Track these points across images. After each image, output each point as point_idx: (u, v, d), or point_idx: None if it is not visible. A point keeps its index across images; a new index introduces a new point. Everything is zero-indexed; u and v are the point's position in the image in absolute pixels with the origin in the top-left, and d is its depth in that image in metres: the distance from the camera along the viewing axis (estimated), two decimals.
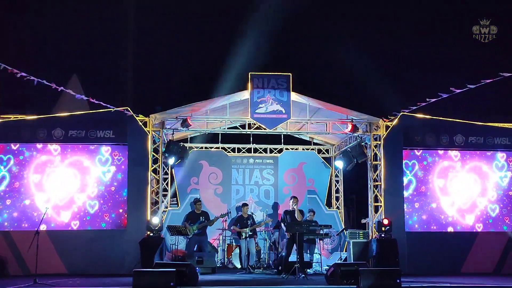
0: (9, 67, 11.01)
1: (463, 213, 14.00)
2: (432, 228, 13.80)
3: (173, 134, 14.11)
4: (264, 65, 15.70)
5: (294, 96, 13.59)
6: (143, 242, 12.39)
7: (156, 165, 13.71)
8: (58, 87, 11.93)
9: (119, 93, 21.46)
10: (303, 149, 16.91)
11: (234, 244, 14.23)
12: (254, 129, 14.47)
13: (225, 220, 14.21)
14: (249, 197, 15.69)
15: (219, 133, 15.80)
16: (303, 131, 15.56)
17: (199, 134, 16.06)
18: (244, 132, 14.69)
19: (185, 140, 16.05)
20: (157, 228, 12.57)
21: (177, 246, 13.28)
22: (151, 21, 22.54)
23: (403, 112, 13.54)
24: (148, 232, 12.59)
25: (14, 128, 13.11)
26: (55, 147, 13.27)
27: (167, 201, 15.39)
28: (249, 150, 16.49)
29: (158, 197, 13.85)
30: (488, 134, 14.09)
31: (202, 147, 16.53)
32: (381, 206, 13.62)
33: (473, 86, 11.25)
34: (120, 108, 13.05)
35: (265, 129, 13.81)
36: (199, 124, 14.25)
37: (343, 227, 15.28)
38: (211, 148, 16.50)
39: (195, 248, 13.11)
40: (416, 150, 13.99)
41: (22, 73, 11.17)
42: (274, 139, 16.43)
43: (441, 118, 13.87)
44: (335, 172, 16.84)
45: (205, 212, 13.55)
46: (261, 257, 13.89)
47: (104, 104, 12.83)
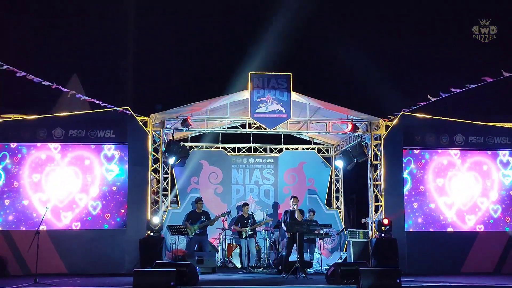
0: (9, 67, 10.99)
1: (464, 214, 13.96)
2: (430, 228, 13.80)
3: (173, 133, 14.11)
4: (264, 65, 15.71)
5: (294, 96, 13.59)
6: (143, 242, 12.40)
7: (156, 165, 13.71)
8: (58, 86, 11.90)
9: (120, 92, 21.46)
10: (303, 149, 16.91)
11: (234, 243, 14.24)
12: (254, 128, 14.46)
13: (225, 220, 14.22)
14: (249, 197, 15.69)
15: (219, 132, 15.81)
16: (303, 131, 15.56)
17: (199, 133, 16.07)
18: (244, 132, 14.70)
19: (185, 140, 16.06)
20: (157, 227, 12.58)
21: (177, 245, 13.28)
22: (151, 21, 22.56)
23: (403, 111, 13.53)
24: (148, 232, 12.60)
25: (14, 128, 13.09)
26: (55, 146, 13.26)
27: (168, 201, 15.41)
28: (249, 150, 16.50)
29: (158, 197, 13.86)
30: (488, 133, 14.07)
31: (202, 147, 16.54)
32: (381, 205, 13.62)
33: (474, 85, 11.23)
34: (120, 108, 13.03)
35: (265, 128, 13.81)
36: (199, 124, 14.26)
37: (343, 226, 15.28)
38: (211, 147, 16.50)
39: (196, 247, 13.12)
40: (415, 149, 13.98)
41: (22, 73, 11.15)
42: (274, 138, 16.44)
43: (441, 118, 13.87)
44: (335, 171, 16.84)
45: (206, 212, 13.55)
46: (261, 256, 13.91)
47: (105, 104, 12.82)
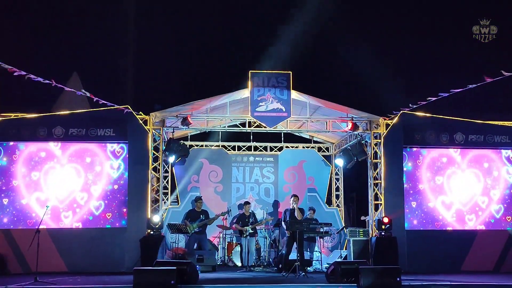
0: (9, 66, 10.99)
1: (464, 214, 13.95)
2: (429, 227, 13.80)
3: (173, 132, 14.11)
4: (265, 63, 15.69)
5: (294, 94, 13.60)
6: (143, 241, 12.42)
7: (156, 163, 13.71)
8: (58, 84, 11.89)
9: (120, 91, 21.46)
10: (303, 147, 16.93)
11: (234, 242, 14.25)
12: (254, 127, 14.47)
13: (226, 218, 14.22)
14: (249, 195, 15.70)
15: (219, 131, 15.81)
16: (303, 129, 15.56)
17: (199, 132, 16.07)
18: (244, 130, 14.71)
19: (185, 138, 16.06)
20: (157, 226, 12.59)
21: (178, 244, 13.30)
22: (151, 19, 22.55)
23: (403, 110, 13.52)
24: (149, 231, 12.61)
25: (14, 127, 13.08)
26: (56, 144, 13.25)
27: (169, 200, 15.42)
28: (249, 148, 16.51)
29: (158, 195, 13.86)
30: (488, 132, 14.07)
31: (202, 145, 16.54)
32: (381, 204, 13.63)
33: (474, 85, 11.23)
34: (120, 106, 13.04)
35: (265, 127, 13.81)
36: (200, 123, 14.27)
37: (343, 225, 15.29)
38: (211, 146, 16.51)
39: (195, 246, 13.14)
40: (415, 148, 13.99)
41: (21, 72, 11.14)
42: (274, 137, 16.44)
43: (441, 116, 13.87)
44: (335, 170, 16.84)
45: (205, 211, 13.56)
46: (261, 255, 13.92)
47: (105, 102, 12.82)
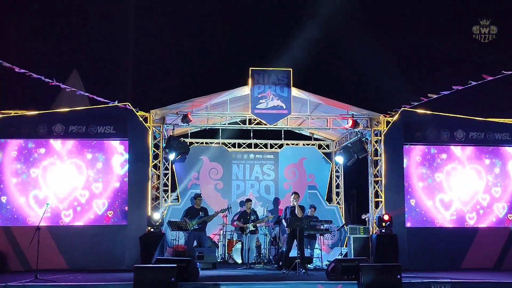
0: (9, 64, 10.98)
1: (465, 212, 13.98)
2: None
3: (173, 129, 14.10)
4: (265, 60, 15.69)
5: (295, 92, 13.57)
6: (143, 238, 12.41)
7: (156, 161, 13.70)
8: (58, 84, 11.89)
9: (120, 88, 21.46)
10: (304, 145, 16.90)
11: (234, 239, 14.25)
12: (254, 124, 14.45)
13: (226, 216, 14.22)
14: (249, 193, 15.69)
15: (219, 128, 15.79)
16: (303, 127, 15.54)
17: (199, 129, 16.05)
18: (245, 128, 14.69)
19: (185, 136, 16.04)
20: (157, 223, 12.58)
21: (178, 241, 13.30)
22: (152, 17, 22.53)
23: (403, 107, 13.51)
24: (149, 228, 12.60)
25: (14, 124, 13.06)
26: (57, 142, 13.25)
27: (169, 197, 15.42)
28: (249, 146, 16.49)
29: (158, 193, 13.86)
30: (488, 129, 14.05)
31: (202, 143, 16.53)
32: (381, 201, 13.62)
33: (475, 83, 11.23)
34: (120, 104, 13.02)
35: (265, 124, 13.80)
36: (200, 120, 14.25)
37: (344, 222, 15.29)
38: (212, 143, 16.49)
39: (195, 243, 13.14)
40: (417, 145, 13.97)
41: (21, 70, 11.13)
42: (275, 134, 16.42)
43: (442, 114, 13.84)
44: (335, 167, 16.84)
45: (204, 208, 13.54)
46: (262, 252, 13.92)
47: (105, 100, 12.80)
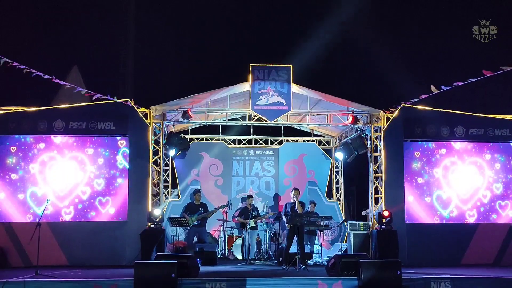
0: (9, 60, 10.96)
1: (465, 210, 14.00)
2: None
3: (173, 125, 14.11)
4: (265, 57, 15.66)
5: (295, 88, 13.57)
6: (144, 234, 12.43)
7: (157, 157, 13.71)
8: (58, 81, 11.88)
9: (120, 84, 21.46)
10: (304, 141, 16.91)
11: (235, 235, 14.28)
12: (254, 120, 14.45)
13: (226, 212, 14.23)
14: (249, 189, 15.71)
15: (219, 124, 15.79)
16: (303, 123, 15.55)
17: (199, 125, 16.06)
18: (245, 124, 14.70)
19: (185, 132, 16.05)
20: (158, 219, 12.60)
21: (178, 237, 13.32)
22: (152, 13, 22.50)
23: (403, 104, 13.50)
24: (149, 224, 12.62)
25: (14, 120, 13.05)
26: (57, 138, 13.25)
27: (170, 194, 15.44)
28: (249, 142, 16.49)
29: (159, 189, 13.87)
30: (488, 125, 14.03)
31: (202, 139, 16.53)
32: (381, 197, 13.64)
33: (474, 79, 11.21)
34: (120, 100, 13.02)
35: (265, 120, 13.80)
36: (200, 116, 14.25)
37: (344, 218, 15.30)
38: (212, 139, 16.50)
39: (195, 239, 13.16)
40: (417, 141, 13.97)
41: (21, 66, 11.11)
42: (275, 130, 16.42)
43: (442, 110, 13.83)
44: (335, 163, 16.84)
45: (204, 204, 13.56)
46: (262, 248, 13.94)
47: (105, 97, 12.80)
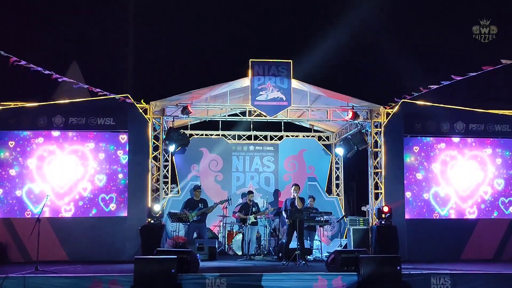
0: (9, 55, 10.93)
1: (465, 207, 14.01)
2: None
3: (173, 121, 14.09)
4: (265, 52, 15.64)
5: (295, 83, 13.54)
6: (144, 229, 12.44)
7: (156, 152, 13.70)
8: (58, 76, 11.86)
9: (120, 80, 21.44)
10: (304, 136, 16.89)
11: (234, 230, 14.28)
12: (254, 116, 14.43)
13: (226, 207, 14.24)
14: (249, 184, 15.71)
15: (219, 120, 15.78)
16: (303, 118, 15.53)
17: (199, 121, 16.04)
18: (245, 119, 14.67)
19: (185, 127, 16.03)
20: (158, 215, 12.60)
21: (178, 233, 13.33)
22: (151, 8, 22.48)
23: (403, 99, 13.49)
24: (149, 219, 12.62)
25: (14, 116, 13.04)
26: (57, 134, 13.23)
27: (174, 191, 15.46)
28: (249, 137, 16.48)
29: (158, 184, 13.87)
30: (488, 121, 14.03)
31: (202, 134, 16.52)
32: (381, 193, 13.64)
33: (474, 73, 11.20)
34: (120, 95, 12.99)
35: (265, 116, 13.78)
36: (200, 111, 14.23)
37: (343, 214, 15.31)
38: (212, 135, 16.48)
39: (195, 234, 13.17)
40: (417, 136, 13.96)
41: (21, 61, 11.08)
42: (275, 126, 16.42)
43: (442, 105, 13.81)
44: (335, 159, 16.84)
45: (204, 200, 13.56)
46: (262, 244, 13.95)
47: (104, 92, 12.78)
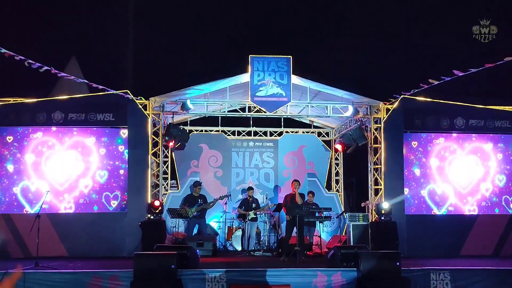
0: (8, 51, 10.90)
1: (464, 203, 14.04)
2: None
3: (173, 117, 14.08)
4: (264, 48, 15.60)
5: (295, 79, 13.51)
6: (144, 225, 12.44)
7: (156, 148, 13.70)
8: (57, 72, 11.83)
9: (119, 76, 21.40)
10: (303, 132, 16.87)
11: (234, 226, 14.30)
12: (254, 112, 14.41)
13: (226, 203, 14.24)
14: (249, 180, 15.70)
15: (219, 116, 15.75)
16: (303, 114, 15.51)
17: (199, 117, 16.02)
18: (244, 115, 14.65)
19: (185, 123, 16.02)
20: (157, 211, 12.61)
21: (178, 229, 13.34)
22: (151, 4, 22.44)
23: (403, 95, 13.47)
24: (149, 215, 12.63)
25: (13, 111, 13.02)
26: (56, 129, 13.21)
27: (172, 186, 15.46)
28: (249, 133, 16.45)
29: (158, 180, 13.87)
30: (488, 117, 14.02)
31: (202, 130, 16.50)
32: (381, 189, 13.64)
33: (475, 70, 11.17)
34: (120, 91, 12.98)
35: (265, 112, 13.76)
36: (199, 107, 14.21)
37: (343, 210, 15.31)
38: (211, 131, 16.46)
39: (195, 230, 13.18)
40: (417, 132, 13.94)
41: (20, 57, 11.05)
42: (274, 122, 16.40)
43: (442, 101, 13.80)
44: (335, 155, 16.83)
45: (203, 196, 13.58)
46: (261, 239, 13.97)
47: (104, 87, 12.76)
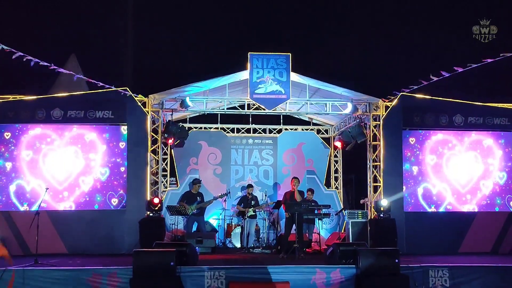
0: (7, 48, 10.90)
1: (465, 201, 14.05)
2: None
3: (172, 114, 14.08)
4: (264, 45, 15.62)
5: (294, 77, 13.51)
6: (143, 222, 12.45)
7: (155, 146, 13.71)
8: (56, 68, 11.83)
9: (118, 73, 21.40)
10: (303, 130, 16.88)
11: (234, 223, 14.31)
12: (253, 109, 14.41)
13: (225, 200, 14.26)
14: (248, 178, 15.71)
15: (218, 113, 15.75)
16: (302, 112, 15.51)
17: (198, 114, 16.03)
18: (243, 113, 14.65)
19: (184, 121, 16.02)
20: (157, 208, 12.62)
21: (177, 226, 13.36)
22: (151, 1, 22.43)
23: (402, 92, 13.48)
24: (148, 212, 12.64)
25: (12, 109, 13.02)
26: (56, 127, 13.20)
27: (171, 183, 15.48)
28: (248, 131, 16.45)
29: (157, 178, 13.88)
30: (487, 114, 14.02)
31: (201, 128, 16.51)
32: (380, 186, 13.65)
33: (475, 65, 11.18)
34: (119, 89, 12.97)
35: (264, 109, 13.76)
36: (198, 105, 14.21)
37: (342, 207, 15.33)
38: (210, 128, 16.47)
39: (194, 227, 13.19)
40: (416, 130, 13.95)
41: (19, 53, 11.05)
42: (274, 119, 16.40)
43: (441, 98, 13.80)
44: (334, 152, 16.84)
45: (201, 193, 13.61)
46: (260, 236, 14.00)
47: (103, 85, 12.76)
